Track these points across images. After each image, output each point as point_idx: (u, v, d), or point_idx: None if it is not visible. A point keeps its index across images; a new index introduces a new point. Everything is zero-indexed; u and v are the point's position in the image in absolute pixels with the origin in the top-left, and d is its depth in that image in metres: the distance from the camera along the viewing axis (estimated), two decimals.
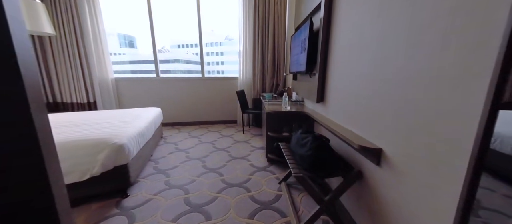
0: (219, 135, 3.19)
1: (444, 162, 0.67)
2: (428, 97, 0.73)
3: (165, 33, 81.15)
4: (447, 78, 0.65)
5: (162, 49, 42.85)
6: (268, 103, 2.42)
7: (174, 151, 2.55)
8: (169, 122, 3.77)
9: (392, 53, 0.91)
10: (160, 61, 3.74)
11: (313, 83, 1.87)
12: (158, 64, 3.66)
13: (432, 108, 0.71)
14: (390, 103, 0.92)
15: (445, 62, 0.66)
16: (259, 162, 2.24)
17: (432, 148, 0.71)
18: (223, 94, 3.82)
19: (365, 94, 1.13)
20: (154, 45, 3.57)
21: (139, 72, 26.47)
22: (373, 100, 1.05)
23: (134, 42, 53.76)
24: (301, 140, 1.39)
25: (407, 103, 0.82)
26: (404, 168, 0.85)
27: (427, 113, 0.73)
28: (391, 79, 0.92)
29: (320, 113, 1.79)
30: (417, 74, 0.77)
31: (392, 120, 0.91)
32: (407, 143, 0.82)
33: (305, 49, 1.84)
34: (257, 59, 3.46)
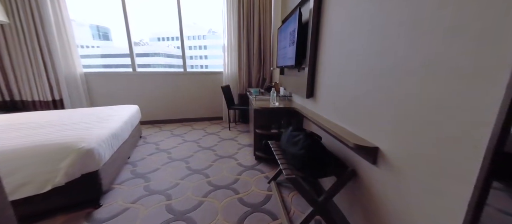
0: (204, 133, 3.04)
1: (451, 164, 0.62)
2: (433, 91, 0.67)
3: (143, 25, 75.31)
4: (458, 71, 0.60)
5: (140, 42, 40.63)
6: (256, 99, 2.32)
7: (154, 152, 2.36)
8: (149, 120, 3.51)
9: (390, 44, 0.85)
10: (138, 54, 3.45)
11: (302, 77, 1.80)
12: (135, 58, 3.36)
13: (438, 104, 0.66)
14: (388, 98, 0.87)
15: (456, 52, 0.60)
16: (247, 160, 2.14)
17: (437, 148, 0.66)
18: (208, 90, 3.64)
19: (359, 89, 1.07)
20: (129, 37, 3.26)
21: (114, 66, 24.85)
22: (368, 95, 1.00)
23: (109, 34, 50.51)
24: (292, 138, 1.32)
25: (408, 98, 0.77)
26: (404, 168, 0.81)
27: (433, 110, 0.68)
28: (389, 73, 0.86)
29: (310, 109, 1.73)
30: (420, 67, 0.72)
31: (390, 117, 0.86)
32: (408, 142, 0.78)
33: (294, 42, 1.76)
34: (243, 53, 3.32)
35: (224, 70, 3.42)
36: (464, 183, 0.58)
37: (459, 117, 0.59)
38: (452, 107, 0.61)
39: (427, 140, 0.70)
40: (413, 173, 0.76)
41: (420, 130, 0.72)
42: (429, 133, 0.69)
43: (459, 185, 0.60)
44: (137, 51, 3.46)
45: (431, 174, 0.69)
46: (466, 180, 0.58)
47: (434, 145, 0.67)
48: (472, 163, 0.56)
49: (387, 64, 0.87)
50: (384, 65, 0.89)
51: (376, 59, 0.93)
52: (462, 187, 0.59)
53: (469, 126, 0.57)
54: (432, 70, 0.67)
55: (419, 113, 0.72)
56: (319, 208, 1.16)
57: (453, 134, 0.61)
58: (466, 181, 0.58)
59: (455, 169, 0.61)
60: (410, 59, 0.75)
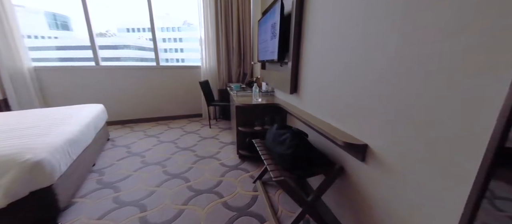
0: (182, 132, 2.84)
1: (446, 163, 0.60)
2: (426, 88, 0.64)
3: (110, 14, 68.46)
4: (453, 67, 0.57)
5: (106, 33, 37.14)
6: (237, 95, 2.20)
7: (125, 157, 2.12)
8: (118, 120, 3.17)
9: (380, 38, 0.81)
10: (103, 47, 3.08)
11: (285, 72, 1.73)
12: (98, 50, 2.97)
13: (431, 101, 0.63)
14: (378, 94, 0.83)
15: (453, 47, 0.57)
16: (230, 159, 2.04)
17: (430, 146, 0.64)
18: (184, 85, 3.40)
19: (345, 84, 1.03)
20: (90, 26, 2.86)
21: (77, 60, 22.43)
22: (355, 90, 0.96)
23: (68, 24, 45.06)
24: (278, 137, 1.25)
25: (399, 94, 0.74)
26: (394, 166, 0.78)
27: (425, 107, 0.65)
28: (378, 67, 0.82)
29: (294, 105, 1.68)
30: (412, 62, 0.68)
31: (380, 113, 0.83)
32: (399, 139, 0.75)
33: (276, 35, 1.67)
34: (221, 46, 3.14)
35: (202, 64, 3.21)
36: (461, 183, 0.56)
37: (455, 116, 0.57)
38: (447, 105, 0.58)
39: (420, 138, 0.67)
40: (405, 171, 0.74)
41: (411, 127, 0.70)
42: (421, 130, 0.66)
43: (455, 185, 0.58)
44: (102, 43, 3.07)
45: (424, 172, 0.67)
46: (463, 181, 0.56)
47: (427, 143, 0.65)
48: (469, 163, 0.54)
49: (376, 58, 0.83)
50: (372, 60, 0.85)
51: (364, 53, 0.89)
52: (458, 187, 0.57)
53: (466, 125, 0.55)
54: (425, 66, 0.64)
55: (411, 110, 0.69)
56: (309, 208, 1.12)
57: (447, 133, 0.59)
58: (463, 182, 0.56)
59: (450, 169, 0.59)
60: (402, 54, 0.72)
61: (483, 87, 0.51)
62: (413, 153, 0.70)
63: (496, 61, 0.48)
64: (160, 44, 27.41)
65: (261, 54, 2.31)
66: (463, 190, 0.56)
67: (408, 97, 0.70)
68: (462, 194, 0.56)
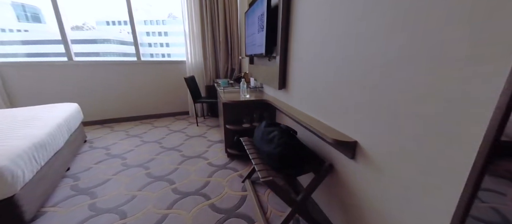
0: (168, 131, 2.71)
1: (437, 159, 0.57)
2: (419, 83, 0.61)
3: (87, 6, 64.58)
4: (447, 60, 0.54)
5: (83, 26, 34.87)
6: (224, 91, 2.12)
7: (104, 159, 1.97)
8: (97, 119, 2.96)
9: (372, 28, 0.77)
10: (81, 41, 2.87)
11: (273, 67, 1.67)
12: (70, 44, 2.72)
13: (425, 96, 0.60)
14: (369, 89, 0.80)
15: (447, 37, 0.53)
16: (219, 159, 1.97)
17: (422, 143, 0.61)
18: (169, 81, 3.24)
19: (335, 78, 0.99)
20: (59, 18, 2.60)
21: (52, 55, 20.75)
22: (346, 85, 0.92)
23: (40, 16, 41.81)
24: (266, 135, 1.20)
25: (390, 89, 0.70)
26: (384, 163, 0.76)
27: (418, 103, 0.62)
28: (370, 60, 0.78)
29: (283, 101, 1.63)
30: (405, 54, 0.65)
31: (370, 109, 0.80)
32: (389, 135, 0.72)
33: (263, 27, 1.60)
34: (207, 40, 3.01)
35: (187, 59, 3.07)
36: (454, 180, 0.54)
37: (449, 111, 0.54)
38: (440, 101, 0.55)
39: (411, 135, 0.64)
40: (395, 168, 0.71)
41: (403, 124, 0.67)
42: (413, 127, 0.64)
43: (447, 183, 0.56)
44: (79, 37, 2.84)
45: (415, 170, 0.64)
46: (456, 179, 0.53)
47: (418, 140, 0.62)
48: (463, 160, 0.52)
49: (367, 50, 0.79)
50: (364, 52, 0.81)
51: (355, 45, 0.85)
52: (451, 184, 0.55)
53: (460, 120, 0.52)
54: (418, 58, 0.61)
55: (403, 106, 0.66)
56: (298, 207, 1.09)
57: (439, 129, 0.56)
58: (456, 179, 0.54)
59: (442, 166, 0.57)
60: (394, 45, 0.68)
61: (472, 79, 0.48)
62: (404, 150, 0.67)
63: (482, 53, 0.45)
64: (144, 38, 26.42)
65: (248, 48, 2.22)
66: (456, 187, 0.53)
67: (398, 93, 0.67)
68: (455, 192, 0.54)
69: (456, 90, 0.52)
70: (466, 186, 0.52)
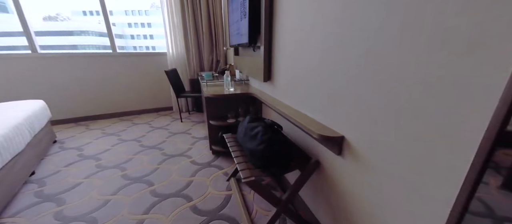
0: (149, 128, 2.55)
1: (429, 155, 0.51)
2: (412, 72, 0.54)
3: None
4: (448, 42, 0.46)
5: (57, 16, 32.48)
6: (207, 85, 1.99)
7: (75, 161, 1.80)
8: (70, 117, 2.73)
9: (364, 8, 0.68)
10: (54, 33, 2.58)
11: (258, 58, 1.57)
12: (33, 36, 2.44)
13: (420, 88, 0.53)
14: (357, 79, 0.72)
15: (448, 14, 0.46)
16: (203, 156, 1.86)
17: (412, 137, 0.55)
18: (151, 75, 3.04)
19: (321, 68, 0.91)
20: (19, 7, 2.30)
21: (22, 48, 19.19)
22: (332, 75, 0.85)
23: (6, 5, 38.41)
24: (249, 131, 1.11)
25: (379, 78, 0.63)
26: (372, 159, 0.70)
27: (412, 95, 0.55)
28: (361, 45, 0.70)
29: (269, 94, 1.54)
30: (400, 37, 0.57)
31: (358, 101, 0.73)
32: (378, 130, 0.66)
33: (246, 14, 1.48)
34: (190, 30, 2.82)
35: (168, 51, 2.87)
36: (449, 181, 0.48)
37: (444, 103, 0.47)
38: (439, 90, 0.49)
39: (405, 129, 0.58)
40: (384, 165, 0.65)
41: (394, 117, 0.60)
42: (407, 120, 0.57)
43: (441, 183, 0.50)
44: (52, 28, 2.59)
45: (405, 168, 0.58)
46: (452, 180, 0.48)
47: (413, 135, 0.56)
48: (460, 159, 0.46)
49: (357, 34, 0.71)
50: (353, 36, 0.73)
51: (344, 29, 0.77)
52: (447, 185, 0.49)
53: (458, 113, 0.45)
54: (413, 42, 0.53)
55: (395, 96, 0.60)
56: (284, 207, 1.02)
57: (433, 123, 0.50)
58: (452, 180, 0.48)
59: (435, 163, 0.51)
60: (389, 27, 0.60)
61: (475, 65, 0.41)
62: (396, 145, 0.61)
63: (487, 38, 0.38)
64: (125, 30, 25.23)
65: (232, 38, 2.09)
66: (450, 189, 0.48)
67: (390, 81, 0.60)
68: (449, 194, 0.48)
69: (456, 77, 0.46)
70: (464, 186, 0.46)
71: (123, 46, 33.52)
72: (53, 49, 2.47)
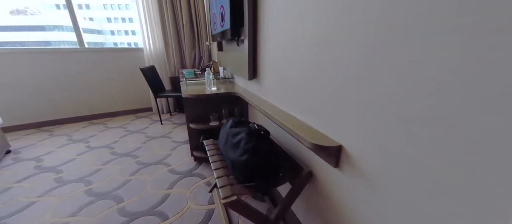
0: (124, 132, 2.29)
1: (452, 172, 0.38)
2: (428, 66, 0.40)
3: None
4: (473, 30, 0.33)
5: (25, 10, 30.29)
6: (187, 83, 1.79)
7: (31, 174, 1.54)
8: (30, 122, 2.40)
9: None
10: (22, 28, 2.29)
11: (242, 53, 1.40)
12: None
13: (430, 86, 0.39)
14: (357, 76, 0.58)
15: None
16: (183, 164, 1.67)
17: (426, 146, 0.42)
18: (125, 73, 2.76)
19: (315, 64, 0.77)
20: None
21: None
22: (327, 72, 0.70)
23: None
24: (231, 137, 0.95)
25: (387, 74, 0.49)
26: (377, 175, 0.57)
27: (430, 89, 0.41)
28: (363, 35, 0.56)
29: (254, 94, 1.38)
30: (408, 25, 0.43)
31: (360, 102, 0.59)
32: (384, 138, 0.52)
33: (228, 4, 1.30)
34: (168, 23, 2.57)
35: (145, 47, 2.61)
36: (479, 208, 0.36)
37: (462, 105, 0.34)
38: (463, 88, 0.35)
39: (417, 138, 0.45)
40: (393, 183, 0.52)
41: (406, 123, 0.47)
42: (421, 128, 0.44)
43: (468, 209, 0.37)
44: (22, 23, 2.23)
45: (417, 186, 0.46)
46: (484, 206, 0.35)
47: (427, 147, 0.43)
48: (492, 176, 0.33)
49: (357, 22, 0.57)
50: (353, 25, 0.58)
51: (342, 17, 0.62)
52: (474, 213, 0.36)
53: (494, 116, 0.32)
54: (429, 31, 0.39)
55: (405, 97, 0.46)
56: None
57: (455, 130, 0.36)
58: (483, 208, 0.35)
59: (459, 182, 0.38)
60: (394, 14, 0.46)
61: None
62: (405, 158, 0.48)
63: None
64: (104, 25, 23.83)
65: (214, 31, 1.89)
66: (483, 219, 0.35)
67: (399, 78, 0.46)
68: None
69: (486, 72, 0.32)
70: None
71: (103, 43, 31.46)
72: (24, 46, 2.14)
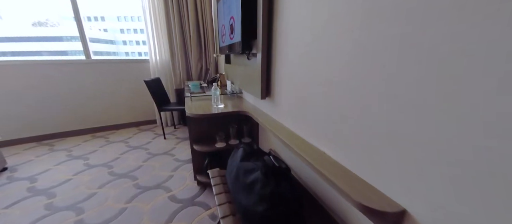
0: (125, 148, 2.16)
1: None
2: None
3: (50, 0, 61.64)
4: None
5: (46, 22, 32.36)
6: (192, 98, 1.64)
7: (22, 198, 1.40)
8: (32, 135, 2.31)
9: None
10: (43, 38, 2.18)
11: (253, 68, 1.24)
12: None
13: None
14: (425, 105, 0.40)
15: None
16: (185, 189, 1.50)
17: None
18: (131, 84, 2.67)
19: (353, 80, 0.59)
20: None
21: (9, 54, 18.87)
22: (375, 94, 0.52)
23: None
24: (243, 175, 0.77)
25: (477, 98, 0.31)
26: None
27: None
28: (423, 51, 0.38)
29: (267, 114, 1.21)
30: None
31: (438, 144, 0.40)
32: (479, 202, 0.33)
33: (239, 15, 1.16)
34: (175, 34, 2.49)
35: (151, 58, 2.52)
36: None
37: None
38: None
39: None
40: None
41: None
42: None
43: None
44: (41, 34, 2.18)
45: None
46: None
47: None
48: None
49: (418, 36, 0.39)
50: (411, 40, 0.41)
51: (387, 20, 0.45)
52: None
53: None
54: None
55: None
56: None
57: None
58: None
59: None
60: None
61: None
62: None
63: None
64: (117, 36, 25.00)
65: (222, 44, 1.77)
66: None
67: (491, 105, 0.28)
68: None
69: None
70: None
71: (115, 52, 33.05)
72: (43, 55, 2.24)
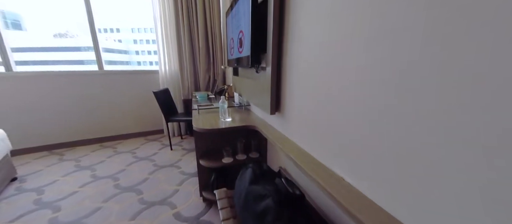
0: (132, 159, 2.15)
1: None
2: None
3: (69, 12, 65.67)
4: None
5: (66, 33, 34.33)
6: (199, 110, 1.62)
7: (28, 211, 1.39)
8: (43, 144, 2.36)
9: None
10: (63, 49, 2.33)
11: (262, 82, 1.20)
12: (9, 52, 2.16)
13: None
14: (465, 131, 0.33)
15: None
16: (191, 205, 1.44)
17: None
18: (140, 94, 2.70)
19: (376, 101, 0.53)
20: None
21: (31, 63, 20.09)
22: (405, 118, 0.46)
23: (20, 23, 40.44)
24: (252, 201, 0.71)
25: None
26: None
27: None
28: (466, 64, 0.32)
29: (277, 130, 1.15)
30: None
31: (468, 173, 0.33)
32: None
33: (249, 29, 1.14)
34: (184, 46, 2.53)
35: (160, 69, 2.56)
36: None
37: None
38: None
39: None
40: None
41: None
42: None
43: None
44: (61, 45, 2.31)
45: None
46: None
47: None
48: None
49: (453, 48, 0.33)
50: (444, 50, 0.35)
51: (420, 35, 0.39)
52: None
53: None
54: None
55: None
56: None
57: None
58: None
59: None
60: None
61: None
62: None
63: None
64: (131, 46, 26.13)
65: (231, 56, 1.75)
66: None
67: None
68: None
69: None
70: None
71: (128, 61, 34.86)
72: (62, 64, 2.34)
